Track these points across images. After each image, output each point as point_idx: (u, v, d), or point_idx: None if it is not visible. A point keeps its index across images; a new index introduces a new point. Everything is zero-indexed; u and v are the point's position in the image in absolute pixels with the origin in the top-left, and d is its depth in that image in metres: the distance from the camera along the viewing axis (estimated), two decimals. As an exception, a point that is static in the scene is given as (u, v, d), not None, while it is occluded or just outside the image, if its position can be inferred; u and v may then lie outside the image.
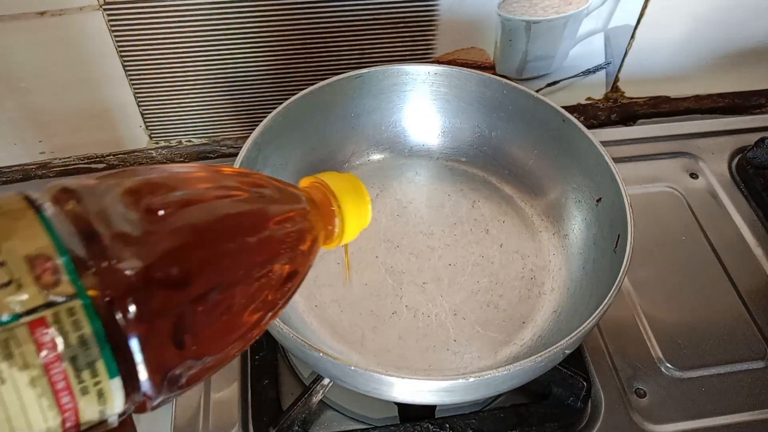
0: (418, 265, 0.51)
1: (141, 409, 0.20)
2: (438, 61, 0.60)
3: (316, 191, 0.30)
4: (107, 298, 0.18)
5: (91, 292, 0.18)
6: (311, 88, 0.50)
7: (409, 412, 0.45)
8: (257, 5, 0.52)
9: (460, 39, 0.58)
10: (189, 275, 0.20)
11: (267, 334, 0.48)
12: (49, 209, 0.19)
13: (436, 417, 0.45)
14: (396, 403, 0.46)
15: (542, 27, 0.58)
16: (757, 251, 0.57)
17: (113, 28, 0.51)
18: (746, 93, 0.69)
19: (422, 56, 0.59)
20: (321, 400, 0.45)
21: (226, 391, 0.47)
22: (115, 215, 0.19)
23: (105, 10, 0.50)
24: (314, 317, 0.48)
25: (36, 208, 0.19)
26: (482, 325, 0.47)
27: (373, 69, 0.52)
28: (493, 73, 0.56)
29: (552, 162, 0.53)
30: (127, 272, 0.19)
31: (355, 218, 0.30)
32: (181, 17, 0.51)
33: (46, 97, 0.55)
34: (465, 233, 0.53)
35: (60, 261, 0.18)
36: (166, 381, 0.20)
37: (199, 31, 0.53)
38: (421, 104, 0.56)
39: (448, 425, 0.44)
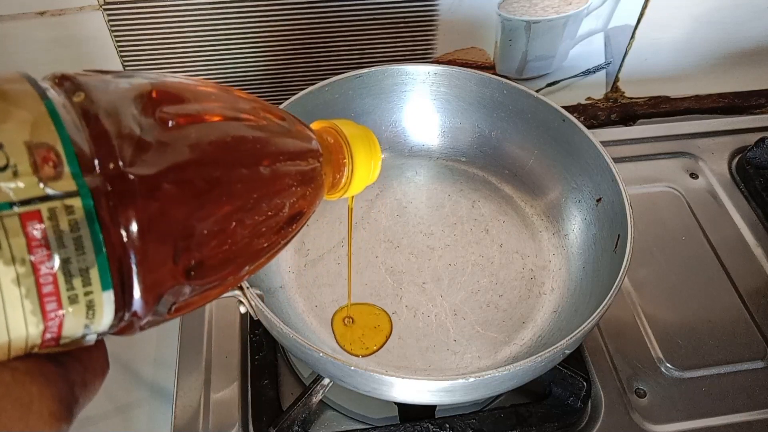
0: (417, 265, 0.51)
1: (123, 330, 0.19)
2: (438, 61, 0.60)
3: (329, 136, 0.29)
4: (111, 203, 0.16)
5: (93, 193, 0.16)
6: (311, 88, 0.50)
7: (409, 412, 0.45)
8: (257, 5, 0.52)
9: (460, 39, 0.58)
10: (199, 193, 0.19)
11: (267, 335, 0.48)
12: (54, 97, 0.17)
13: (436, 417, 0.45)
14: (396, 403, 0.46)
15: (542, 27, 0.58)
16: (757, 251, 0.57)
17: (113, 28, 0.51)
18: (746, 93, 0.69)
19: (422, 56, 0.59)
20: (321, 400, 0.45)
21: (226, 391, 0.47)
22: (128, 117, 0.18)
23: (105, 10, 0.50)
24: (314, 317, 0.48)
25: (41, 93, 0.17)
26: (482, 325, 0.47)
27: (373, 69, 0.52)
28: (493, 73, 0.56)
29: (552, 162, 0.53)
30: (135, 178, 0.17)
31: (365, 172, 0.29)
32: (181, 17, 0.51)
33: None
34: (465, 233, 0.53)
35: (63, 154, 0.16)
36: (159, 303, 0.19)
37: (199, 31, 0.53)
38: (420, 104, 0.56)
39: (448, 425, 0.44)
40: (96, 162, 0.17)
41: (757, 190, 0.60)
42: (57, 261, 0.16)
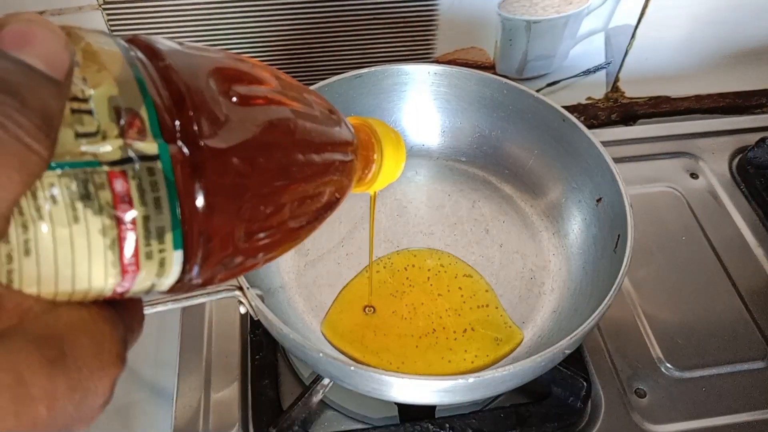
0: (418, 264, 0.51)
1: (175, 289, 0.20)
2: (438, 61, 0.60)
3: (361, 132, 0.30)
4: (186, 170, 0.18)
5: (172, 159, 0.17)
6: (311, 88, 0.50)
7: (409, 412, 0.45)
8: (257, 5, 0.52)
9: (460, 39, 0.58)
10: (263, 171, 0.20)
11: (267, 335, 0.48)
12: (139, 64, 0.18)
13: (436, 417, 0.45)
14: (396, 403, 0.46)
15: (542, 27, 0.58)
16: (757, 251, 0.57)
17: (113, 28, 0.51)
18: (746, 93, 0.69)
19: (422, 56, 0.59)
20: (321, 400, 0.45)
21: (226, 391, 0.47)
22: (205, 91, 0.19)
23: (104, 9, 0.50)
24: (314, 317, 0.48)
25: (128, 58, 0.18)
26: (482, 325, 0.47)
27: (373, 69, 0.52)
28: (493, 73, 0.56)
29: (552, 162, 0.53)
30: (209, 151, 0.18)
31: (391, 170, 0.32)
32: (180, 16, 0.51)
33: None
34: (465, 233, 0.53)
35: (147, 120, 0.17)
36: (214, 268, 0.20)
37: (198, 31, 0.53)
38: (421, 104, 0.56)
39: (448, 425, 0.44)
40: (176, 131, 0.18)
41: (757, 190, 0.60)
42: (138, 217, 0.17)
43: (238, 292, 0.40)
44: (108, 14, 0.50)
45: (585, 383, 0.45)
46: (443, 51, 0.59)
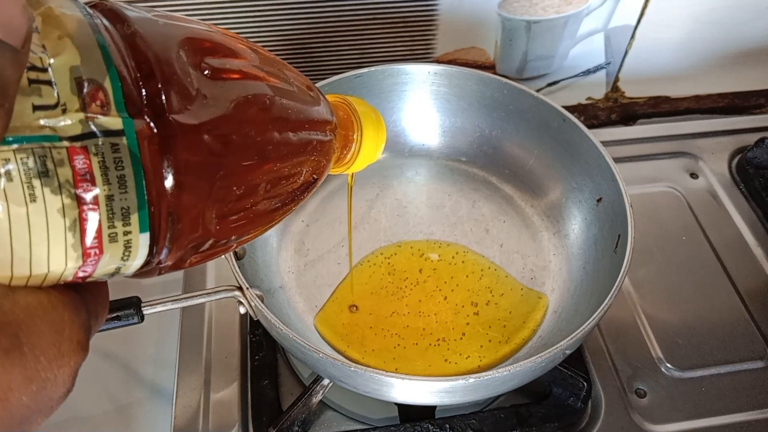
0: (418, 265, 0.51)
1: (143, 274, 0.19)
2: (438, 61, 0.60)
3: (340, 110, 0.29)
4: (154, 146, 0.16)
5: (138, 135, 0.16)
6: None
7: (410, 413, 0.45)
8: (257, 5, 0.52)
9: (460, 39, 0.58)
10: (236, 149, 0.19)
11: (267, 335, 0.48)
12: (104, 31, 0.17)
13: (436, 417, 0.45)
14: (396, 404, 0.46)
15: (542, 27, 0.58)
16: (757, 251, 0.57)
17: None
18: (746, 93, 0.69)
19: (422, 56, 0.59)
20: (321, 400, 0.45)
21: (226, 391, 0.47)
22: (175, 63, 0.18)
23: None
24: (314, 318, 0.48)
25: (92, 25, 0.16)
26: (482, 325, 0.47)
27: (373, 69, 0.52)
28: (493, 73, 0.56)
29: (552, 162, 0.53)
30: (179, 126, 0.17)
31: (371, 150, 0.30)
32: (180, 17, 0.51)
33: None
34: (465, 233, 0.53)
35: (111, 93, 0.16)
36: (183, 252, 0.19)
37: (198, 31, 0.53)
38: (421, 104, 0.56)
39: (448, 425, 0.44)
40: (143, 105, 0.17)
41: (757, 190, 0.60)
42: (101, 196, 0.16)
43: (237, 293, 0.40)
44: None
45: (585, 383, 0.45)
46: (443, 51, 0.59)
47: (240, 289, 0.40)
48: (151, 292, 0.48)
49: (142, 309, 0.40)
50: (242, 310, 0.41)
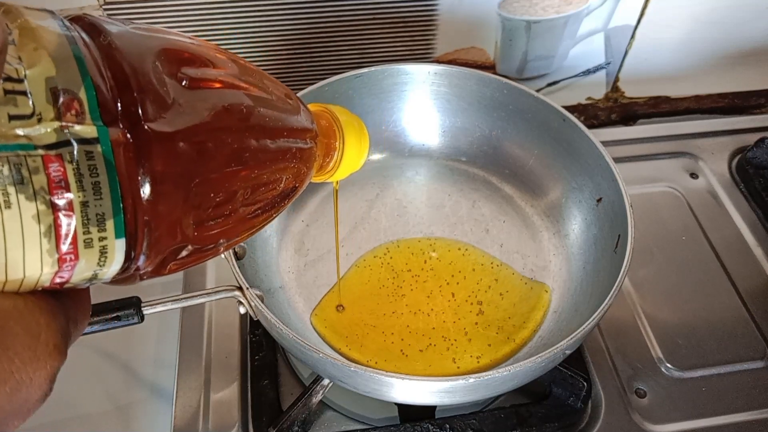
0: (418, 264, 0.51)
1: (122, 281, 0.19)
2: (438, 61, 0.60)
3: (322, 119, 0.30)
4: (129, 154, 0.17)
5: (113, 143, 0.17)
6: (311, 88, 0.50)
7: (410, 413, 0.45)
8: (257, 5, 0.52)
9: (460, 39, 0.58)
10: (212, 157, 0.20)
11: (267, 335, 0.48)
12: (80, 42, 0.17)
13: (436, 417, 0.45)
14: (396, 404, 0.46)
15: (542, 27, 0.58)
16: (757, 251, 0.57)
17: (113, 28, 0.51)
18: (746, 93, 0.69)
19: (422, 56, 0.59)
20: (321, 400, 0.45)
21: (226, 391, 0.47)
22: (151, 73, 0.18)
23: (105, 9, 0.50)
24: (314, 317, 0.48)
25: (68, 36, 0.17)
26: (482, 325, 0.47)
27: (373, 69, 0.52)
28: (493, 73, 0.56)
29: (552, 162, 0.53)
30: (154, 134, 0.17)
31: (353, 159, 0.30)
32: (180, 17, 0.51)
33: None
34: (465, 233, 0.53)
35: (86, 102, 0.16)
36: (161, 259, 0.19)
37: (198, 31, 0.53)
38: (421, 104, 0.56)
39: (448, 425, 0.44)
40: (118, 113, 0.17)
41: (757, 190, 0.60)
42: (76, 202, 0.16)
43: (237, 293, 0.40)
44: (109, 14, 0.50)
45: (585, 383, 0.45)
46: (443, 51, 0.59)
47: (240, 289, 0.40)
48: (151, 292, 0.48)
49: (142, 309, 0.40)
50: (242, 310, 0.41)
